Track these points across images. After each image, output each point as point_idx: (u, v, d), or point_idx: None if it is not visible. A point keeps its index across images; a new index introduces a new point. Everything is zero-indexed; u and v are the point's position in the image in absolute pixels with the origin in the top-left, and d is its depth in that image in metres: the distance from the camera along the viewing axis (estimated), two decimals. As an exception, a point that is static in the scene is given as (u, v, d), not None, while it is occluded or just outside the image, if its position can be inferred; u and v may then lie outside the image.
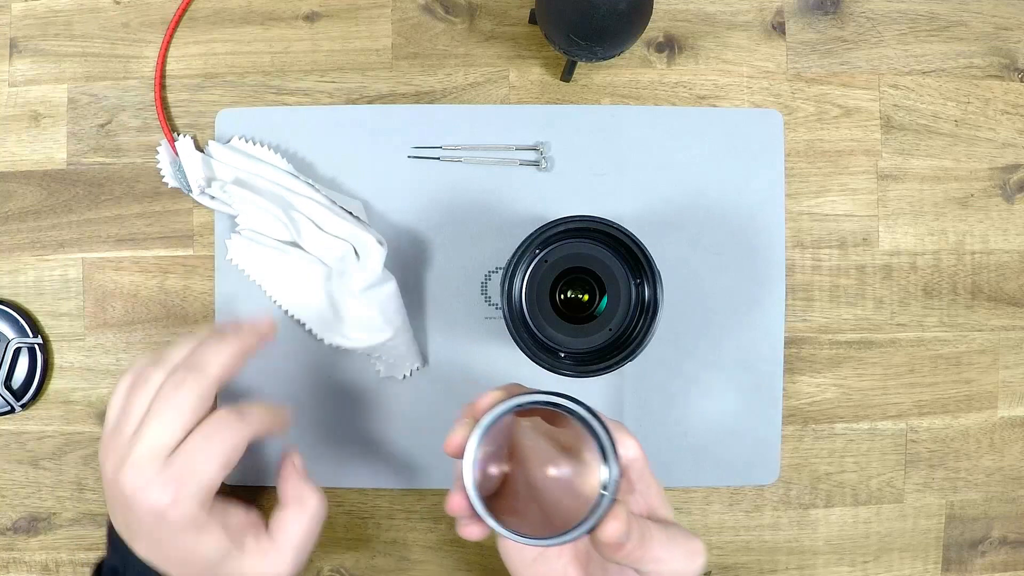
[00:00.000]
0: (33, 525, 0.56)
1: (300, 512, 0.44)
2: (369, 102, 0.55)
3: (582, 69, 0.55)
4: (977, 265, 0.57)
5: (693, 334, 0.54)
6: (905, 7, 0.57)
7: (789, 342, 0.55)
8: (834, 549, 0.56)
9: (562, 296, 0.45)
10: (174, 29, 0.56)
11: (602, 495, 0.34)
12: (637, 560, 0.35)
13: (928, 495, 0.57)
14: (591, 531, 0.34)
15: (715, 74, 0.56)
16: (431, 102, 0.55)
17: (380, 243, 0.52)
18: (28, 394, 0.55)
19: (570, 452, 0.37)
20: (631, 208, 0.54)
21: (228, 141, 0.54)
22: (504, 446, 0.38)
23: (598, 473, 0.34)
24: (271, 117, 0.55)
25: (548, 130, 0.55)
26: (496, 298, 0.54)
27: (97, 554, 0.56)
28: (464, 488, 0.35)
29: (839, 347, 0.56)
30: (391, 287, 0.52)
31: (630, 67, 0.56)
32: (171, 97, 0.56)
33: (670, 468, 0.55)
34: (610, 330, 0.43)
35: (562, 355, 0.43)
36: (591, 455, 0.35)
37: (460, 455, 0.35)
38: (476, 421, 0.35)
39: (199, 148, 0.54)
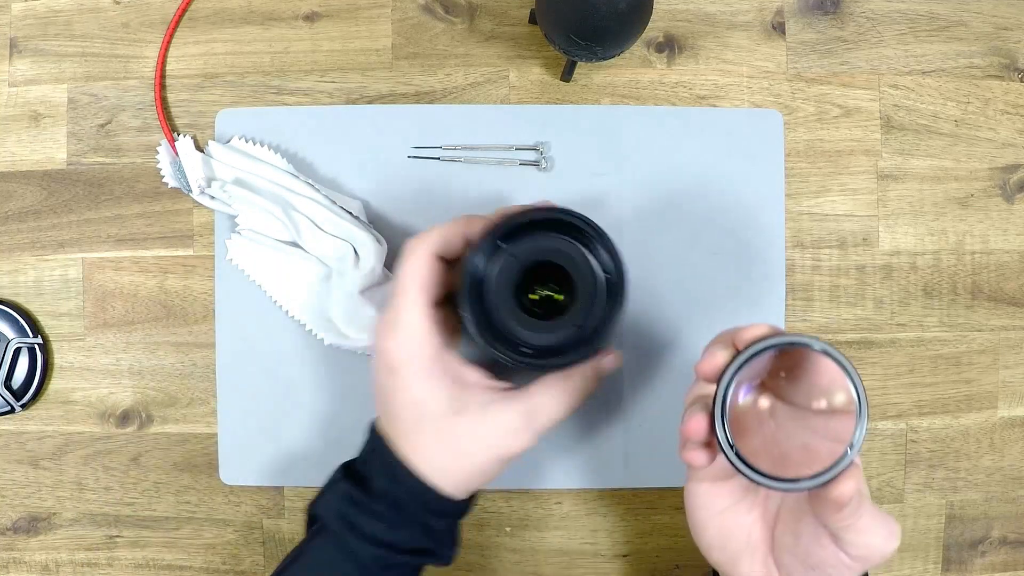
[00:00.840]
0: (33, 525, 0.56)
1: (561, 391, 0.43)
2: (369, 102, 0.55)
3: (582, 69, 0.55)
4: (977, 265, 0.57)
5: (693, 334, 0.54)
6: (905, 7, 0.57)
7: (789, 342, 0.55)
8: (834, 549, 0.56)
9: (529, 292, 0.44)
10: (174, 29, 0.56)
11: (847, 451, 0.34)
12: (847, 526, 0.35)
13: (928, 495, 0.57)
14: (824, 485, 0.34)
15: (715, 74, 0.56)
16: (431, 102, 0.55)
17: (380, 243, 0.52)
18: (28, 394, 0.55)
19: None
20: (631, 208, 0.54)
21: (228, 141, 0.54)
22: (754, 381, 0.37)
23: (849, 429, 0.34)
24: (271, 117, 0.55)
25: (548, 130, 0.55)
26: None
27: (97, 554, 0.56)
28: (710, 411, 0.35)
29: (839, 347, 0.56)
30: (391, 287, 0.52)
31: (630, 67, 0.56)
32: (171, 97, 0.56)
33: (671, 467, 0.55)
34: (577, 326, 0.42)
35: (527, 350, 0.41)
36: (841, 412, 0.35)
37: (713, 378, 0.35)
38: (736, 349, 0.35)
39: (199, 148, 0.54)
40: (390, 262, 0.53)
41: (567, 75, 0.55)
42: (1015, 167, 0.57)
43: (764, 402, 0.38)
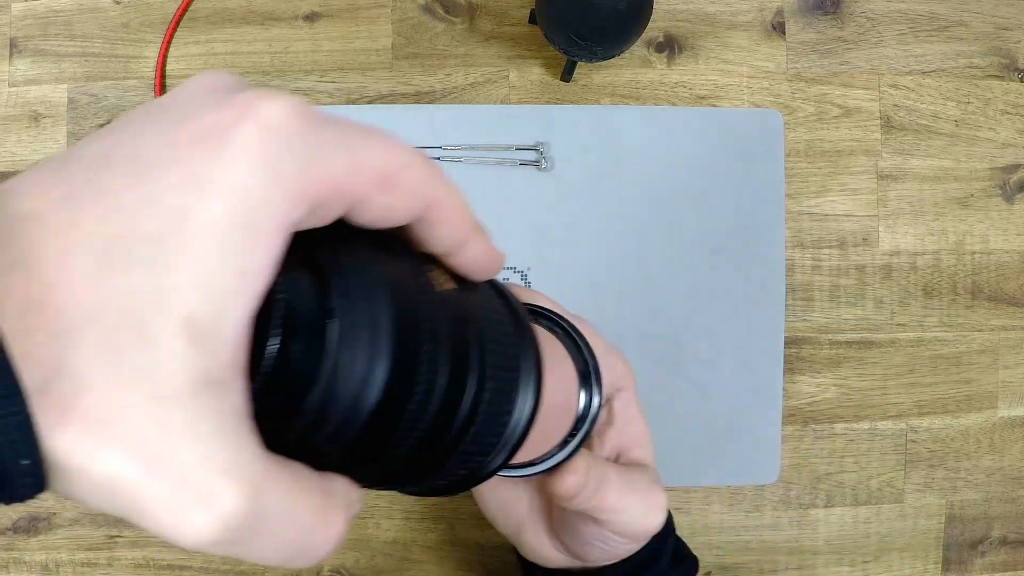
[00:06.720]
0: (33, 525, 0.56)
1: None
2: (369, 102, 0.55)
3: (582, 69, 0.55)
4: (977, 265, 0.57)
5: (693, 334, 0.54)
6: (905, 7, 0.57)
7: (789, 342, 0.55)
8: (834, 549, 0.56)
9: None
10: (174, 29, 0.56)
11: (567, 439, 0.29)
12: (589, 509, 0.31)
13: (928, 495, 0.57)
14: (546, 473, 0.30)
15: (715, 74, 0.56)
16: (431, 102, 0.55)
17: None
18: (28, 394, 0.55)
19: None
20: (631, 208, 0.54)
21: (228, 141, 0.54)
22: None
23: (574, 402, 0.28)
24: (271, 117, 0.55)
25: (548, 130, 0.55)
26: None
27: (97, 554, 0.56)
28: None
29: (839, 347, 0.56)
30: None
31: (630, 67, 0.56)
32: (171, 97, 0.56)
33: (670, 468, 0.55)
34: None
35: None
36: (570, 382, 0.29)
37: None
38: None
39: (199, 148, 0.54)
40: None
41: (567, 75, 0.55)
42: (1015, 167, 0.57)
43: None
